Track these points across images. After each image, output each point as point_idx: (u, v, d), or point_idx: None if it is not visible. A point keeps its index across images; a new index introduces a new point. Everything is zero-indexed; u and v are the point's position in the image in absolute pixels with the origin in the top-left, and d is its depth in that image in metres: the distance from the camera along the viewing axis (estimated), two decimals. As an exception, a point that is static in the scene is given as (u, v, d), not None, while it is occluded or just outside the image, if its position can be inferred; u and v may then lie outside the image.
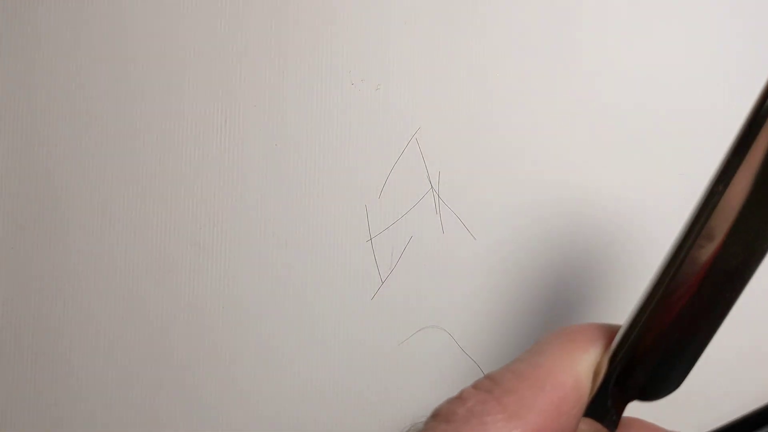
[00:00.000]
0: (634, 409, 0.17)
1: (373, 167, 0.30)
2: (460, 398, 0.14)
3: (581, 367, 0.15)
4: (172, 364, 0.31)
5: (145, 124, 0.31)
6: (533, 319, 0.29)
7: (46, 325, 0.31)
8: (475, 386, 0.15)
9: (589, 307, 0.29)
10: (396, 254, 0.30)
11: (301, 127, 0.30)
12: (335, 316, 0.30)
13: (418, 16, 0.30)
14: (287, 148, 0.30)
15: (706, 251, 0.15)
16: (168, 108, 0.31)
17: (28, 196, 0.32)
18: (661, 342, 0.16)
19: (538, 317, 0.29)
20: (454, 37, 0.30)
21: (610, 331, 0.16)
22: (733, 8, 0.29)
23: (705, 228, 0.15)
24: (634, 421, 0.18)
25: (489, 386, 0.14)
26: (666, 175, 0.28)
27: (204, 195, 0.31)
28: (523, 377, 0.14)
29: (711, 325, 0.16)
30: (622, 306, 0.28)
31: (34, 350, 0.31)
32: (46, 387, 0.31)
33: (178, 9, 0.31)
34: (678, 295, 0.15)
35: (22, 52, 0.32)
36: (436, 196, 0.30)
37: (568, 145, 0.29)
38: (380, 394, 0.30)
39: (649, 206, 0.28)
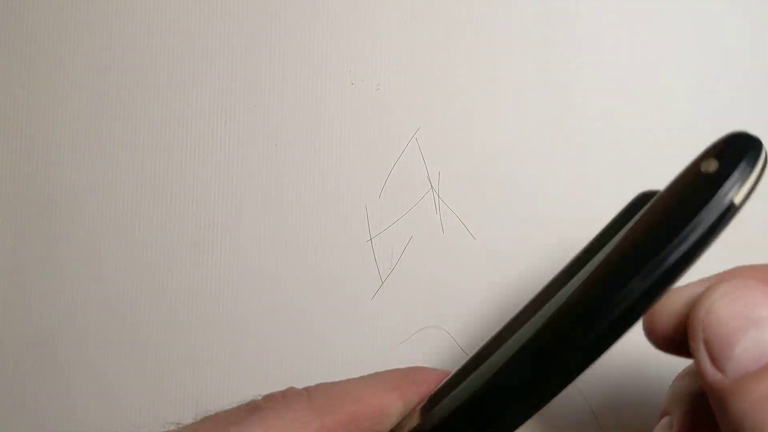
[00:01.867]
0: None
1: (373, 167, 0.30)
2: (287, 389, 0.18)
3: (395, 408, 0.18)
4: (172, 365, 0.30)
5: (145, 124, 0.31)
6: (533, 319, 0.29)
7: (46, 326, 0.31)
8: (306, 389, 0.18)
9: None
10: (396, 254, 0.30)
11: (301, 127, 0.30)
12: (335, 316, 0.30)
13: (418, 16, 0.30)
14: (287, 148, 0.30)
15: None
16: (168, 108, 0.31)
17: (28, 197, 0.32)
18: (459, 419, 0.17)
19: (538, 317, 0.28)
20: (454, 37, 0.30)
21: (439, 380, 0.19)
22: (732, 11, 0.29)
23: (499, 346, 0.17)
24: None
25: (308, 391, 0.18)
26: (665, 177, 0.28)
27: (204, 195, 0.31)
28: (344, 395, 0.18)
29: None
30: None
31: (33, 350, 0.31)
32: (46, 387, 0.31)
33: (179, 8, 0.31)
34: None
35: (20, 52, 0.32)
36: (436, 196, 0.30)
37: (568, 145, 0.29)
38: (380, 394, 0.29)
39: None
